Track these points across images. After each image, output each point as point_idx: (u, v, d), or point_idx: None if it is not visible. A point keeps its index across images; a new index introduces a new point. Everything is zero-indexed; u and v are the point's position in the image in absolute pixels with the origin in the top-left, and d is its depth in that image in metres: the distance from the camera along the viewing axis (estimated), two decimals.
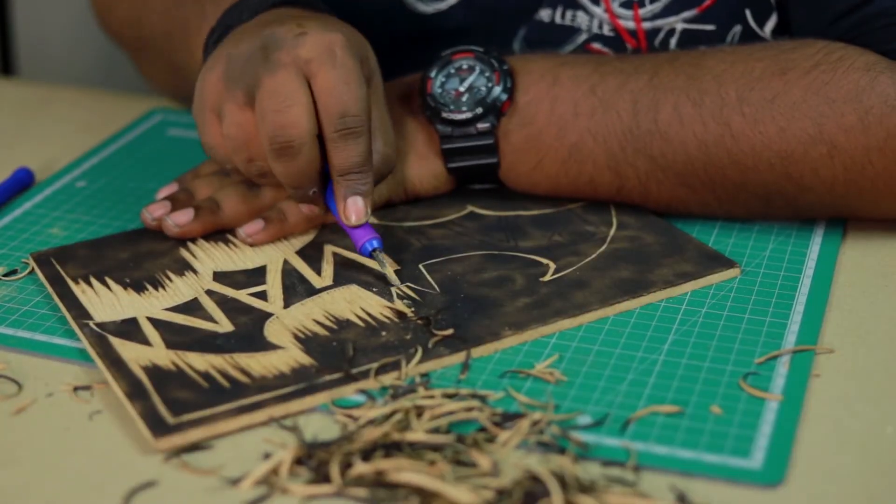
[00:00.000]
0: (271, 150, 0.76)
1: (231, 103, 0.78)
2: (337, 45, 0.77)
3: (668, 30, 0.89)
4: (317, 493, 0.62)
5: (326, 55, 0.76)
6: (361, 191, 0.77)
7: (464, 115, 0.85)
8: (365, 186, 0.77)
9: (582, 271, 0.79)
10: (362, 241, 0.78)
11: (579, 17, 0.90)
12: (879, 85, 0.78)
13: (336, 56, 0.76)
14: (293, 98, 0.75)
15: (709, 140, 0.80)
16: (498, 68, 0.85)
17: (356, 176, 0.77)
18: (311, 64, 0.76)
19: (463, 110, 0.85)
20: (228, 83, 0.78)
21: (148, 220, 0.85)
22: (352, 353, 0.71)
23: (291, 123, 0.75)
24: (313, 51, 0.76)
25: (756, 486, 0.62)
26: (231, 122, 0.78)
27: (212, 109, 0.80)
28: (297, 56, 0.76)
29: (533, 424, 0.66)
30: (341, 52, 0.77)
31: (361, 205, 0.77)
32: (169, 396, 0.68)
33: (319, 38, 0.77)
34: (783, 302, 0.77)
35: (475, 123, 0.84)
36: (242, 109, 0.78)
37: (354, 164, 0.77)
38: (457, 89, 0.86)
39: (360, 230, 0.78)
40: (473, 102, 0.85)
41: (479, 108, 0.84)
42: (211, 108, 0.80)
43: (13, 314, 0.77)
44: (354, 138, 0.76)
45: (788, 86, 0.79)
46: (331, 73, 0.76)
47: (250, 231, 0.83)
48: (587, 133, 0.83)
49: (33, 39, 1.39)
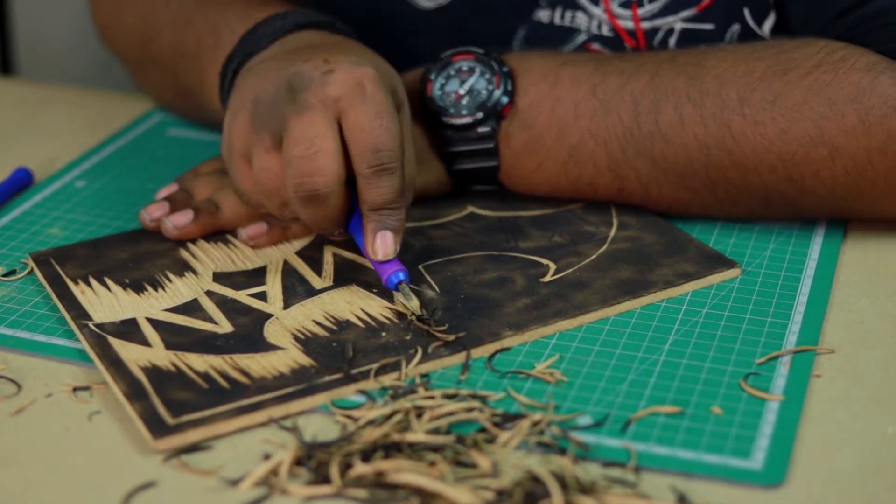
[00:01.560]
0: (297, 197, 0.74)
1: (259, 147, 0.75)
2: (367, 80, 0.74)
3: (667, 29, 0.89)
4: (316, 493, 0.62)
5: (356, 91, 0.74)
6: (393, 226, 0.75)
7: (464, 120, 0.84)
8: (397, 222, 0.75)
9: (582, 272, 0.79)
10: (388, 274, 0.75)
11: (578, 17, 0.90)
12: (880, 86, 0.78)
13: (366, 91, 0.74)
14: (319, 143, 0.73)
15: (710, 142, 0.80)
16: (498, 70, 0.85)
17: (389, 212, 0.75)
18: (340, 102, 0.73)
19: (463, 114, 0.84)
20: (256, 127, 0.75)
21: (146, 221, 0.85)
22: (351, 354, 0.71)
23: (317, 171, 0.73)
24: (342, 88, 0.74)
25: (757, 486, 0.62)
26: (260, 168, 0.75)
27: (241, 155, 0.77)
28: (326, 96, 0.73)
29: (533, 425, 0.66)
30: (371, 86, 0.74)
31: (390, 240, 0.75)
32: (168, 397, 0.68)
33: (348, 74, 0.74)
34: (784, 302, 0.77)
35: (476, 128, 0.84)
36: (271, 154, 0.75)
37: (388, 200, 0.74)
38: (457, 92, 0.85)
39: (387, 263, 0.75)
40: (474, 106, 0.84)
41: (480, 112, 0.84)
42: (240, 153, 0.77)
43: (12, 314, 0.77)
44: (388, 174, 0.74)
45: (789, 87, 0.79)
46: (361, 109, 0.73)
47: (253, 233, 0.83)
48: (588, 135, 0.83)
49: (33, 39, 1.39)
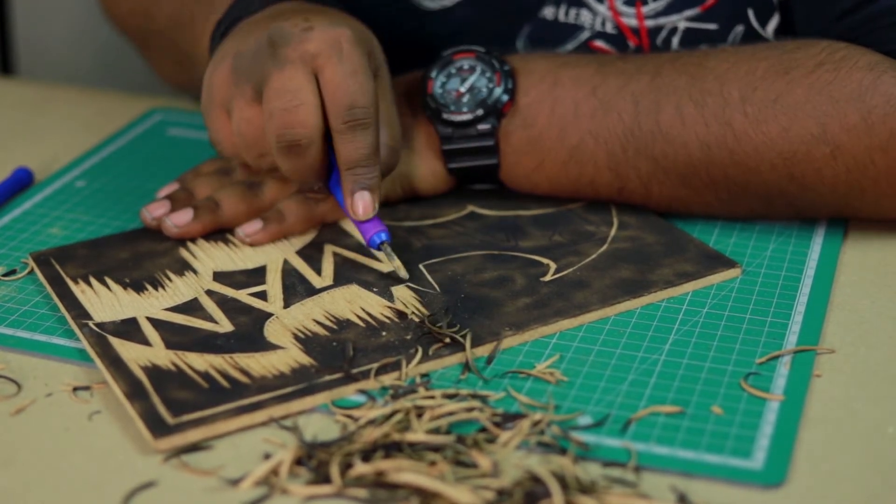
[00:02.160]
0: (278, 147, 0.77)
1: (240, 99, 0.78)
2: (343, 39, 0.77)
3: (671, 28, 0.89)
4: (317, 493, 0.61)
5: (333, 49, 0.76)
6: (369, 184, 0.78)
7: (464, 117, 0.84)
8: (372, 180, 0.78)
9: (582, 271, 0.79)
10: (370, 234, 0.78)
11: (583, 14, 0.90)
12: (883, 84, 0.78)
13: (343, 49, 0.77)
14: (300, 96, 0.76)
15: (711, 141, 0.80)
16: (499, 69, 0.85)
17: (364, 169, 0.77)
18: (318, 58, 0.76)
19: (464, 111, 0.84)
20: (237, 79, 0.78)
21: (147, 219, 0.85)
22: (352, 354, 0.71)
23: (299, 122, 0.76)
24: (320, 45, 0.76)
25: (757, 486, 0.62)
26: (240, 118, 0.79)
27: (220, 105, 0.80)
28: (305, 51, 0.76)
29: (533, 425, 0.66)
30: (348, 45, 0.77)
31: (369, 199, 0.78)
32: (168, 397, 0.67)
33: (326, 33, 0.77)
34: (784, 302, 0.77)
35: (476, 125, 0.84)
36: (251, 105, 0.78)
37: (362, 156, 0.77)
38: (458, 90, 0.85)
39: (369, 223, 0.78)
40: (474, 104, 0.84)
41: (480, 109, 0.84)
42: (219, 103, 0.80)
43: (12, 314, 0.77)
44: (362, 130, 0.76)
45: (791, 85, 0.79)
46: (338, 67, 0.76)
47: (249, 231, 0.83)
48: (588, 134, 0.83)
49: (33, 39, 1.39)
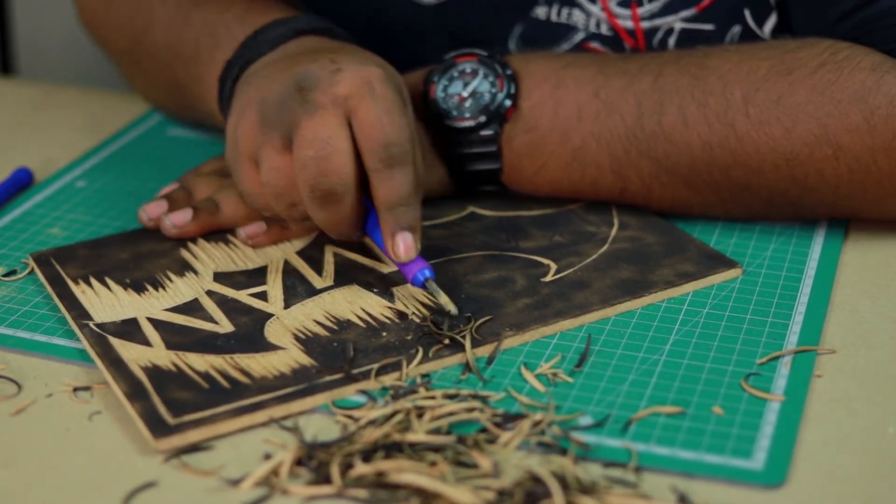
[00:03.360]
0: (312, 197, 0.73)
1: (268, 148, 0.75)
2: (374, 79, 0.74)
3: (667, 29, 0.89)
4: (317, 493, 0.61)
5: (365, 89, 0.74)
6: (410, 224, 0.74)
7: (467, 123, 0.84)
8: (414, 220, 0.74)
9: (583, 272, 0.79)
10: (414, 272, 0.75)
11: (575, 14, 0.90)
12: (885, 85, 0.77)
13: (375, 89, 0.74)
14: (333, 143, 0.73)
15: (713, 141, 0.80)
16: (501, 73, 0.84)
17: (403, 209, 0.74)
18: (350, 100, 0.73)
19: (466, 117, 0.84)
20: (265, 128, 0.75)
21: (144, 219, 0.85)
22: (352, 354, 0.71)
23: (333, 170, 0.73)
24: (351, 87, 0.73)
25: (758, 486, 0.62)
26: (270, 168, 0.75)
27: (248, 157, 0.77)
28: (336, 94, 0.73)
29: (534, 425, 0.66)
30: (380, 84, 0.74)
31: (411, 240, 0.74)
32: (169, 397, 0.67)
33: (357, 74, 0.74)
34: (785, 302, 0.77)
35: (479, 131, 0.84)
36: (281, 154, 0.74)
37: (402, 196, 0.74)
38: (460, 94, 0.85)
39: (410, 262, 0.75)
40: (477, 109, 0.84)
41: (483, 115, 0.84)
42: (247, 155, 0.77)
43: (13, 314, 0.77)
44: (400, 168, 0.73)
45: (794, 86, 0.79)
46: (371, 107, 0.73)
47: (251, 232, 0.83)
48: (591, 136, 0.82)
49: (33, 39, 1.39)
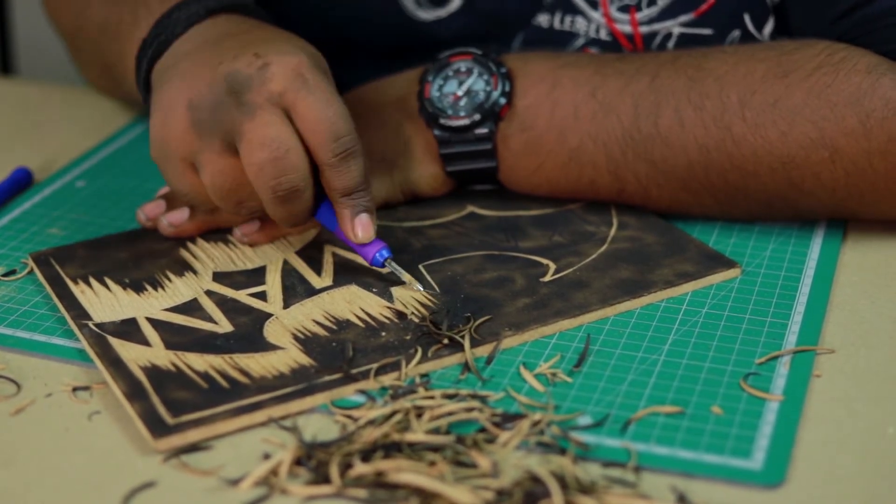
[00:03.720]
0: (274, 198, 0.75)
1: (209, 153, 0.75)
2: (304, 68, 0.74)
3: (666, 34, 0.89)
4: (316, 493, 0.61)
5: (298, 81, 0.74)
6: (366, 207, 0.76)
7: (462, 122, 0.84)
8: (369, 202, 0.76)
9: (582, 271, 0.79)
10: (372, 254, 0.77)
11: (578, 22, 0.90)
12: (881, 88, 0.77)
13: (307, 80, 0.74)
14: (284, 141, 0.73)
15: (710, 145, 0.80)
16: (496, 72, 0.84)
17: (359, 194, 0.76)
18: (285, 95, 0.74)
19: (461, 115, 0.84)
20: (201, 132, 0.75)
21: (142, 219, 0.85)
22: (351, 354, 0.71)
23: (291, 168, 0.74)
24: (283, 81, 0.74)
25: (757, 486, 0.62)
26: (213, 172, 0.76)
27: (182, 160, 0.77)
28: (271, 92, 0.73)
29: (533, 425, 0.66)
30: (310, 73, 0.74)
31: (368, 220, 0.76)
32: (168, 397, 0.67)
33: (285, 66, 0.74)
34: (784, 302, 0.77)
35: (473, 129, 0.84)
36: (222, 156, 0.75)
37: (357, 183, 0.75)
38: (455, 93, 0.85)
39: (368, 244, 0.77)
40: (472, 108, 0.84)
41: (478, 113, 0.84)
42: (181, 158, 0.76)
43: (12, 314, 0.77)
44: (353, 158, 0.75)
45: (790, 89, 0.79)
46: (309, 99, 0.74)
47: (246, 231, 0.83)
48: (588, 137, 0.82)
49: (33, 39, 1.39)
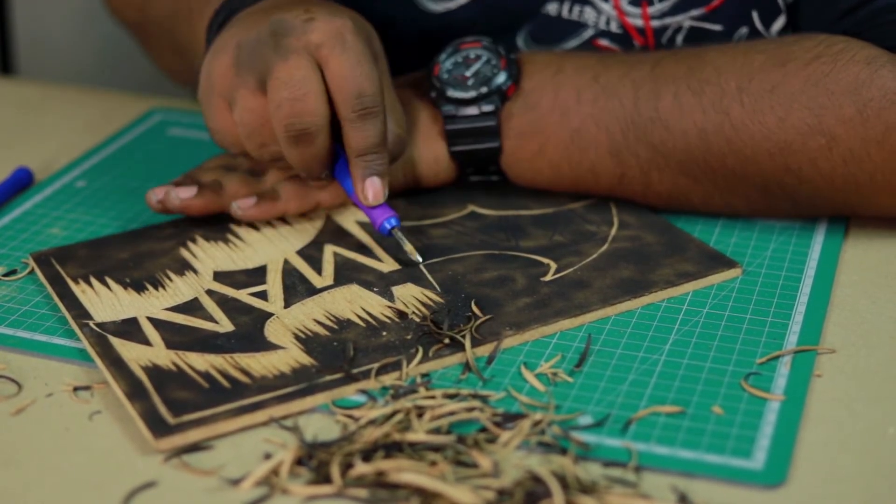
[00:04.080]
0: (287, 136, 0.77)
1: (243, 89, 0.79)
2: (345, 30, 0.78)
3: (676, 28, 0.90)
4: (317, 493, 0.61)
5: (336, 39, 0.77)
6: (378, 171, 0.79)
7: (468, 94, 0.85)
8: (382, 166, 0.79)
9: (583, 271, 0.79)
10: (381, 220, 0.79)
11: (587, 12, 0.91)
12: (880, 78, 0.78)
13: (346, 39, 0.77)
14: (307, 85, 0.76)
15: (709, 129, 0.81)
16: (504, 55, 0.86)
17: (373, 156, 0.78)
18: (321, 49, 0.77)
19: (468, 90, 0.85)
20: (239, 69, 0.79)
21: (153, 201, 0.85)
22: (352, 353, 0.71)
23: (307, 111, 0.76)
24: (323, 36, 0.77)
25: (757, 486, 0.62)
26: (244, 108, 0.79)
27: (221, 95, 0.81)
28: (308, 41, 0.77)
29: (534, 425, 0.66)
30: (350, 35, 0.78)
31: (379, 184, 0.79)
32: (169, 396, 0.67)
33: (328, 24, 0.78)
34: (785, 302, 0.77)
35: (479, 102, 0.85)
36: (255, 95, 0.79)
37: (372, 144, 0.78)
38: (463, 74, 0.86)
39: (378, 209, 0.79)
40: (479, 83, 0.86)
41: (484, 87, 0.85)
42: (220, 93, 0.81)
43: (13, 314, 0.77)
44: (372, 118, 0.77)
45: (788, 77, 0.79)
46: (342, 57, 0.77)
47: (243, 205, 0.84)
48: (590, 119, 0.83)
49: (33, 39, 1.39)
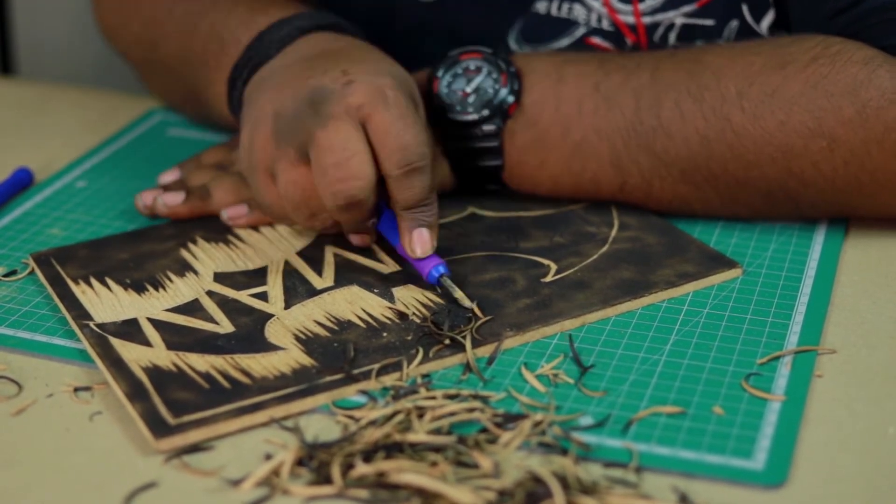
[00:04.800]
0: (335, 205, 0.75)
1: (284, 161, 0.76)
2: (387, 87, 0.75)
3: (668, 24, 0.89)
4: (318, 494, 0.61)
5: (378, 97, 0.75)
6: (427, 223, 0.77)
7: (470, 117, 0.84)
8: (430, 218, 0.77)
9: (583, 272, 0.79)
10: (428, 269, 0.76)
11: (576, 9, 0.90)
12: (877, 79, 0.78)
13: (388, 97, 0.75)
14: (351, 148, 0.74)
15: (710, 135, 0.81)
16: (505, 70, 0.85)
17: (421, 209, 0.76)
18: (363, 109, 0.75)
19: (469, 111, 0.84)
20: (279, 142, 0.76)
21: (140, 205, 0.88)
22: (353, 354, 0.71)
23: (353, 176, 0.74)
24: (364, 96, 0.75)
25: (758, 486, 0.62)
26: (287, 181, 0.76)
27: (264, 170, 0.78)
28: (349, 105, 0.74)
29: (534, 425, 0.66)
30: (392, 92, 0.75)
31: (427, 237, 0.76)
32: (169, 397, 0.67)
33: (368, 85, 0.75)
34: (785, 302, 0.77)
35: (481, 125, 0.84)
36: (296, 167, 0.76)
37: (420, 199, 0.76)
38: (463, 90, 0.85)
39: (425, 258, 0.77)
40: (480, 104, 0.84)
41: (486, 109, 0.84)
42: (263, 168, 0.78)
43: (13, 315, 0.77)
44: (419, 174, 0.75)
45: (787, 80, 0.79)
46: (385, 113, 0.74)
47: (232, 214, 0.85)
48: (591, 130, 0.83)
49: (33, 39, 1.39)
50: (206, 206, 0.86)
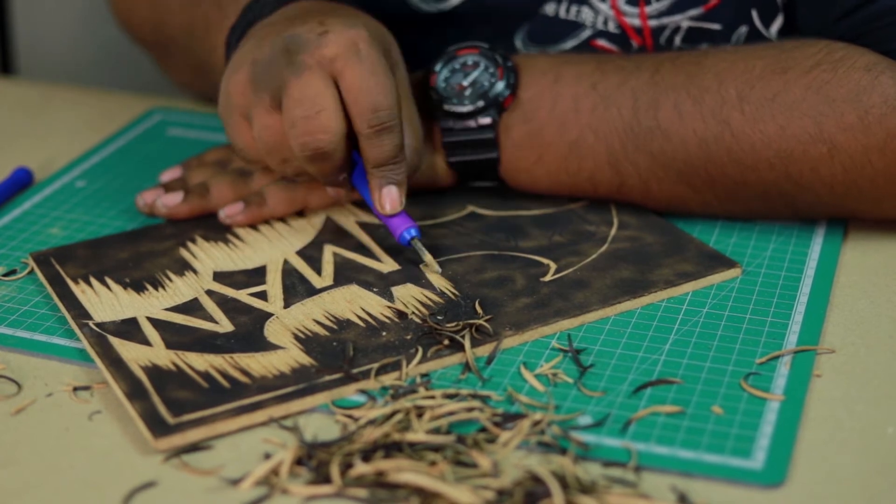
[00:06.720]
0: (303, 156, 0.77)
1: (259, 107, 0.78)
2: (360, 40, 0.77)
3: (674, 28, 0.90)
4: (317, 493, 0.61)
5: (351, 51, 0.76)
6: (396, 180, 0.78)
7: (466, 108, 0.85)
8: (399, 176, 0.78)
9: (582, 271, 0.79)
10: (400, 231, 0.79)
11: (584, 12, 0.90)
12: (880, 85, 0.78)
13: (360, 51, 0.76)
14: (320, 101, 0.76)
15: (709, 138, 0.80)
16: (502, 64, 0.85)
17: (391, 167, 0.78)
18: (336, 62, 0.76)
19: (465, 103, 0.85)
20: (255, 87, 0.78)
21: (140, 205, 0.88)
22: (352, 353, 0.71)
23: (321, 128, 0.76)
24: (337, 49, 0.76)
25: (757, 486, 0.62)
26: (261, 126, 0.78)
27: (240, 114, 0.80)
28: (322, 56, 0.76)
29: (533, 425, 0.66)
30: (365, 46, 0.77)
31: (396, 194, 0.78)
32: (169, 396, 0.67)
33: (342, 35, 0.77)
34: (784, 302, 0.77)
35: (476, 117, 0.85)
36: (270, 113, 0.78)
37: (388, 156, 0.77)
38: (460, 83, 0.86)
39: (397, 219, 0.79)
40: (476, 96, 0.85)
41: (481, 101, 0.84)
42: (239, 112, 0.80)
43: (13, 314, 0.77)
44: (388, 132, 0.77)
45: (789, 84, 0.79)
46: (357, 69, 0.76)
47: (229, 212, 0.85)
48: (588, 129, 0.83)
49: (33, 39, 1.39)
50: (204, 203, 0.87)
